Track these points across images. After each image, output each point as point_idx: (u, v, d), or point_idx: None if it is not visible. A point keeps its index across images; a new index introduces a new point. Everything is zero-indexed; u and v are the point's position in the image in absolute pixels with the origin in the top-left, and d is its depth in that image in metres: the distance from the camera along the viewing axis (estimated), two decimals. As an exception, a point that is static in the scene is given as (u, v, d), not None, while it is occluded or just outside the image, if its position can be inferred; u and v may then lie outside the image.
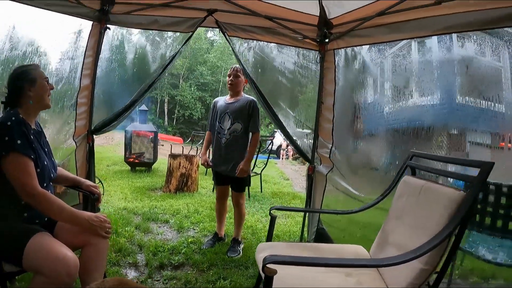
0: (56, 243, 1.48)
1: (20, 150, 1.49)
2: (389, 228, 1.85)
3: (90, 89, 3.06)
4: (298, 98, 3.41)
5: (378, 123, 3.07)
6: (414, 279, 1.39)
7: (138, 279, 2.38)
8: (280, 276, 1.48)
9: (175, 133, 23.18)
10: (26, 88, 1.62)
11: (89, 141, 3.13)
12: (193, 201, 4.80)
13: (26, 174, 1.49)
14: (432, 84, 3.01)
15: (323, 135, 3.18)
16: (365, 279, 1.59)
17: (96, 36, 2.95)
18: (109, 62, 3.15)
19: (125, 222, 3.51)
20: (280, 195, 6.03)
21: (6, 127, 1.49)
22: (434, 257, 1.38)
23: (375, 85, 3.21)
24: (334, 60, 3.08)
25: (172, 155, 5.55)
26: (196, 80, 24.63)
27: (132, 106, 3.07)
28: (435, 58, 2.97)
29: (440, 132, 3.02)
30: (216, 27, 3.00)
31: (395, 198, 1.93)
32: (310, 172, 3.25)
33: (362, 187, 2.93)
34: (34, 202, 1.51)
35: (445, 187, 1.56)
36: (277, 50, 3.33)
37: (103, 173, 6.63)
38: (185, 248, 2.99)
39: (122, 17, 2.96)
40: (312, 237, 3.23)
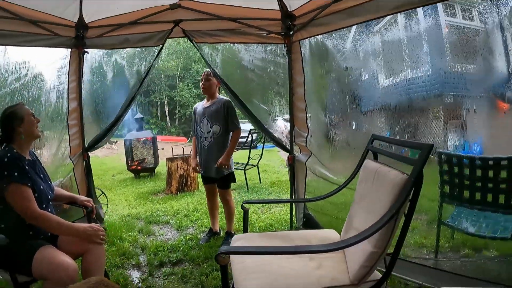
0: (57, 253, 1.76)
1: (18, 181, 1.75)
2: (352, 213, 1.97)
3: (79, 111, 3.29)
4: (270, 92, 3.55)
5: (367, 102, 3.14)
6: (366, 262, 1.48)
7: (140, 278, 2.63)
8: (246, 263, 1.71)
9: (179, 133, 23.46)
10: (16, 126, 1.88)
11: (85, 158, 3.39)
12: (193, 200, 5.04)
13: (25, 201, 1.76)
14: (421, 56, 3.02)
15: (298, 125, 3.33)
16: (327, 263, 1.71)
17: (76, 61, 3.17)
18: (91, 84, 3.39)
19: (128, 227, 3.76)
20: (279, 183, 6.19)
21: (4, 163, 1.75)
22: (382, 240, 1.44)
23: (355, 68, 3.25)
24: (300, 51, 3.20)
25: (169, 158, 5.77)
26: (193, 78, 24.74)
27: (119, 121, 3.30)
28: (422, 29, 2.97)
29: (435, 103, 3.05)
30: (184, 36, 3.16)
31: (357, 183, 2.03)
32: (290, 162, 3.42)
33: (339, 172, 3.09)
34: (36, 222, 1.78)
35: (392, 171, 1.61)
36: (244, 49, 3.47)
37: (108, 183, 6.92)
38: (183, 245, 3.23)
39: (97, 40, 3.16)
40: (300, 224, 3.43)
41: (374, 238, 1.46)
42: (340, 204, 3.10)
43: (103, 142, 3.36)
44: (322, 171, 3.19)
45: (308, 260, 1.76)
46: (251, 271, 1.63)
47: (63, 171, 3.24)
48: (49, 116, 3.17)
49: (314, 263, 1.73)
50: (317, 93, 3.35)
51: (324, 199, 2.58)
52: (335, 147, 3.23)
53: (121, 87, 3.50)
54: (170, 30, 3.12)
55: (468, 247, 2.47)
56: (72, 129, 3.22)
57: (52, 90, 3.18)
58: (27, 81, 3.02)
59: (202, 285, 2.49)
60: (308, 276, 1.59)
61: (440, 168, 2.45)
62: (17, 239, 1.79)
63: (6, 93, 2.86)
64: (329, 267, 1.68)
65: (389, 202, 1.48)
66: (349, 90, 3.21)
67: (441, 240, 2.51)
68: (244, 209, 2.20)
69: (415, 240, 2.62)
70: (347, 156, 3.23)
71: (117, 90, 3.54)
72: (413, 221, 2.57)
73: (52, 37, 2.90)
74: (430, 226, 2.59)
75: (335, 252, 1.79)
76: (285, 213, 4.21)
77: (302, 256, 1.78)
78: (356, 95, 3.12)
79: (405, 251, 2.52)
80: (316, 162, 3.23)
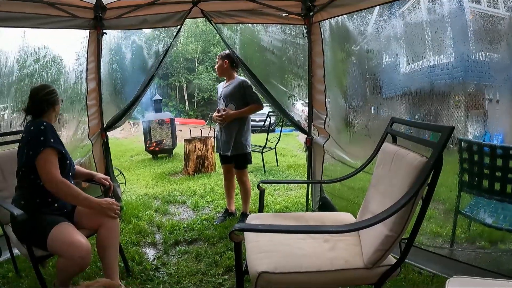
0: (73, 231, 1.81)
1: (54, 146, 1.84)
2: (369, 196, 1.94)
3: (97, 91, 3.34)
4: (289, 74, 3.49)
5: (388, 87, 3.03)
6: (380, 245, 1.45)
7: (155, 256, 2.69)
8: (260, 242, 1.71)
9: (197, 116, 23.66)
10: (55, 104, 2.02)
11: (103, 137, 3.45)
12: (209, 181, 5.09)
13: (52, 165, 1.83)
14: (444, 42, 2.91)
15: (317, 107, 3.28)
16: (341, 245, 1.69)
17: (95, 42, 3.19)
18: (110, 64, 3.41)
19: (145, 206, 3.85)
20: (296, 167, 6.18)
21: (42, 130, 1.85)
22: (398, 224, 1.41)
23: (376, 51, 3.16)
24: (320, 32, 3.12)
25: (187, 140, 5.84)
26: (212, 62, 24.66)
27: (137, 101, 3.34)
28: (446, 13, 2.85)
29: (457, 91, 2.95)
30: (202, 16, 3.12)
31: (375, 166, 1.99)
32: (308, 144, 3.39)
33: (357, 156, 3.03)
34: (56, 188, 1.83)
35: (410, 153, 1.56)
36: (263, 30, 3.41)
37: (127, 164, 7.07)
38: (198, 225, 3.29)
39: (115, 21, 3.17)
40: (316, 207, 3.41)
41: (390, 221, 1.43)
42: (358, 189, 3.06)
43: (121, 122, 3.41)
44: (341, 154, 3.13)
45: (322, 242, 1.75)
46: (264, 250, 1.63)
47: (82, 150, 3.32)
48: (69, 96, 3.23)
49: (328, 244, 1.72)
50: (336, 75, 3.26)
51: (341, 182, 2.56)
52: (354, 131, 3.15)
53: (140, 68, 3.50)
54: (188, 10, 3.09)
55: (485, 238, 2.40)
56: (90, 109, 3.28)
57: (71, 71, 3.23)
58: (46, 63, 3.07)
59: (215, 263, 2.53)
60: (321, 257, 1.58)
61: (460, 156, 2.36)
62: (39, 212, 1.87)
63: (25, 74, 2.92)
64: (343, 250, 1.66)
65: (407, 185, 1.44)
66: (370, 74, 3.11)
67: (458, 230, 2.45)
68: (260, 189, 2.21)
69: (431, 229, 2.56)
70: (366, 140, 3.14)
71: (136, 71, 3.55)
72: (430, 210, 2.55)
73: (70, 19, 2.92)
74: (447, 216, 2.52)
75: (349, 235, 1.80)
76: (301, 196, 4.20)
77: (316, 238, 1.77)
78: (377, 80, 3.01)
79: (420, 239, 2.48)
80: (335, 145, 3.18)
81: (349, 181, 3.07)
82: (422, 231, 2.49)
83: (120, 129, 13.00)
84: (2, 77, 2.76)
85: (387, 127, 2.04)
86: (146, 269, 2.46)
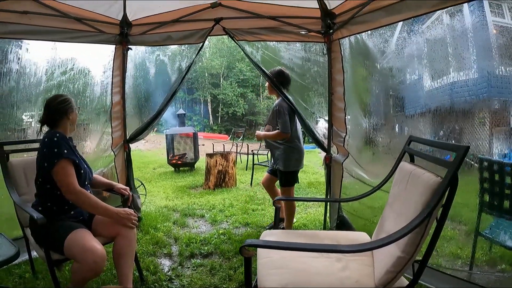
0: (89, 237, 1.87)
1: (68, 157, 1.92)
2: (385, 215, 1.90)
3: (121, 104, 3.49)
4: (309, 91, 3.51)
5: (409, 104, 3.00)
6: (392, 267, 1.40)
7: (170, 267, 2.72)
8: (272, 258, 1.71)
9: (221, 131, 23.93)
10: (69, 113, 2.07)
11: (126, 149, 3.57)
12: (229, 196, 5.11)
13: (69, 176, 1.91)
14: (466, 58, 2.85)
15: (336, 125, 3.25)
16: (353, 265, 1.66)
17: (120, 57, 3.36)
18: (134, 79, 3.56)
19: (164, 218, 3.91)
20: (316, 184, 6.12)
21: (55, 142, 1.93)
22: (410, 245, 1.36)
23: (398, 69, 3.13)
24: (340, 49, 3.13)
25: (208, 154, 5.92)
26: (236, 77, 25.11)
27: (160, 115, 3.44)
28: (468, 29, 2.82)
29: (481, 109, 2.87)
30: (225, 34, 3.22)
31: (392, 185, 1.95)
32: (327, 162, 3.35)
33: (377, 175, 2.97)
34: (75, 198, 1.91)
35: (426, 173, 1.53)
36: (284, 47, 3.47)
37: (149, 176, 7.24)
38: (215, 239, 3.30)
39: (140, 37, 3.32)
40: (334, 225, 3.34)
41: (402, 242, 1.39)
42: (377, 208, 2.98)
43: (144, 135, 3.52)
44: (360, 173, 3.08)
45: (335, 261, 1.72)
46: (275, 267, 1.63)
47: (105, 161, 3.46)
48: (94, 107, 3.40)
49: (340, 264, 1.69)
50: (357, 93, 3.24)
51: (359, 201, 2.51)
52: (374, 149, 3.10)
53: (163, 83, 3.64)
54: (211, 28, 3.21)
55: (506, 261, 2.28)
56: (115, 121, 3.42)
57: (97, 84, 3.41)
58: (73, 75, 3.26)
59: (229, 278, 2.52)
60: (332, 276, 1.55)
61: (480, 175, 2.27)
62: (56, 219, 1.95)
63: (52, 86, 3.11)
64: (355, 270, 1.63)
65: (421, 205, 1.40)
66: (391, 92, 3.07)
67: (478, 253, 2.33)
68: (276, 206, 2.22)
69: (451, 251, 2.45)
70: (387, 159, 3.08)
71: (159, 86, 3.69)
72: (450, 231, 2.46)
73: (97, 34, 3.10)
74: (467, 237, 2.40)
75: (363, 255, 1.77)
76: (319, 214, 4.14)
77: (330, 256, 1.75)
78: (398, 97, 2.98)
79: (439, 261, 2.37)
80: (354, 164, 3.13)
81: (368, 200, 3.02)
82: (441, 253, 2.39)
83: (144, 141, 13.44)
84: (31, 87, 2.95)
85: (405, 145, 2.01)
86: (160, 279, 2.49)
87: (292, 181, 3.33)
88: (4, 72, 2.84)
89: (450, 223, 2.49)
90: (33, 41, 2.85)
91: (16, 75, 2.90)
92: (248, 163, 7.55)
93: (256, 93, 25.46)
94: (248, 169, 7.26)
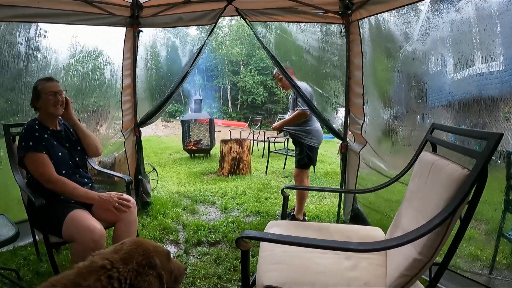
0: (87, 216, 1.83)
1: (32, 149, 1.88)
2: (402, 211, 1.74)
3: (132, 87, 3.41)
4: (325, 75, 3.32)
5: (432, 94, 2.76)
6: (406, 270, 1.26)
7: (175, 254, 2.66)
8: (275, 252, 1.58)
9: (240, 119, 23.87)
10: (33, 101, 2.03)
11: (136, 133, 3.51)
12: (242, 183, 5.03)
13: (42, 166, 1.88)
14: (494, 47, 2.61)
15: (354, 111, 3.07)
16: (364, 264, 1.51)
17: (131, 40, 3.27)
18: (145, 61, 3.47)
19: (174, 204, 3.87)
20: (333, 174, 5.94)
21: (22, 135, 1.93)
22: (429, 247, 1.21)
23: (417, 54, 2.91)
24: (359, 31, 2.92)
25: (223, 141, 5.84)
26: (256, 65, 24.83)
27: (170, 98, 3.35)
28: (495, 15, 2.56)
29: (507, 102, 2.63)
30: (237, 15, 3.07)
31: (411, 177, 1.78)
32: (343, 150, 3.18)
33: (396, 166, 2.77)
34: (52, 186, 1.88)
35: (451, 164, 1.35)
36: (299, 29, 3.28)
37: (164, 161, 7.25)
38: (224, 227, 3.21)
39: (151, 19, 3.22)
40: (347, 218, 3.19)
41: (420, 243, 1.23)
42: (395, 201, 2.79)
43: (154, 119, 3.44)
44: (377, 163, 2.89)
45: (344, 259, 1.57)
46: (277, 262, 1.51)
47: (116, 144, 3.41)
48: (103, 91, 3.34)
49: (349, 262, 1.54)
50: (376, 78, 3.02)
51: (376, 193, 2.34)
52: (393, 138, 2.89)
53: (174, 66, 3.55)
54: (223, 8, 3.05)
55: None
56: (125, 104, 3.35)
57: (107, 67, 3.33)
58: (82, 57, 3.19)
59: (234, 268, 2.43)
60: (338, 276, 1.41)
61: (507, 171, 2.03)
62: (53, 201, 1.91)
63: (61, 68, 3.04)
64: (365, 270, 1.48)
65: (444, 201, 1.23)
66: (413, 79, 2.83)
67: (499, 255, 2.11)
68: (284, 195, 2.09)
69: (470, 251, 2.24)
70: (407, 150, 2.88)
71: (170, 68, 3.59)
72: (470, 230, 2.23)
73: (107, 16, 3.01)
74: (489, 238, 2.19)
75: (375, 253, 1.61)
76: (334, 205, 3.97)
77: (338, 253, 1.60)
78: (420, 85, 2.74)
79: (457, 262, 2.17)
80: (371, 153, 2.94)
81: (385, 193, 2.84)
82: (459, 253, 2.19)
83: (163, 127, 13.51)
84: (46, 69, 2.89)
85: (426, 133, 1.82)
86: (163, 267, 2.42)
87: (308, 162, 3.30)
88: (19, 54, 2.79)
89: (471, 221, 2.27)
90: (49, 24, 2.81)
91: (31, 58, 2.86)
92: (265, 151, 7.43)
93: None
94: (264, 157, 7.14)
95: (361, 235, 1.86)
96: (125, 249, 1.04)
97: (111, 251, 1.04)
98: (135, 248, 1.06)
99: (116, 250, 1.05)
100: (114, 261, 0.98)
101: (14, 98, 2.74)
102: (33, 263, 2.38)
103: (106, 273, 0.94)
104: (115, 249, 1.05)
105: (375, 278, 1.39)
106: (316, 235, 1.82)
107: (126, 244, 1.08)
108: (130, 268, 0.98)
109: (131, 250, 1.04)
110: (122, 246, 1.07)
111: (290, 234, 1.71)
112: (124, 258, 1.01)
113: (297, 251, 1.58)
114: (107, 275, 0.94)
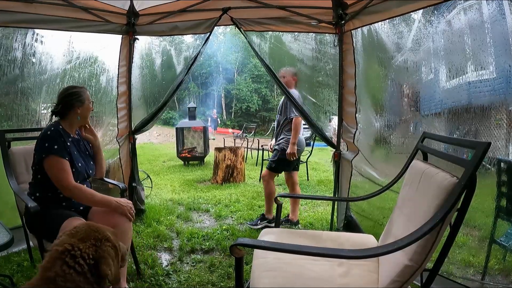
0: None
1: (56, 153, 1.86)
2: (393, 218, 1.77)
3: (127, 94, 3.43)
4: (318, 83, 3.38)
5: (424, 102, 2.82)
6: (397, 276, 1.28)
7: (169, 262, 2.65)
8: (268, 259, 1.60)
9: (234, 126, 23.87)
10: (76, 106, 2.01)
11: (131, 140, 3.51)
12: (236, 191, 5.03)
13: (62, 172, 1.87)
14: (486, 56, 2.67)
15: (346, 120, 3.11)
16: (356, 271, 1.53)
17: (127, 47, 3.29)
18: (140, 69, 3.49)
19: (168, 212, 3.85)
20: (326, 182, 5.95)
21: (46, 136, 1.89)
22: (419, 253, 1.24)
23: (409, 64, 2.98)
24: (352, 41, 2.98)
25: (217, 148, 5.84)
26: (251, 73, 24.95)
27: (165, 106, 3.37)
28: (486, 25, 2.64)
29: (498, 110, 2.68)
30: (232, 24, 3.11)
31: (402, 185, 1.82)
32: (336, 158, 3.21)
33: (388, 174, 2.81)
34: (69, 193, 1.88)
35: (441, 172, 1.39)
36: (293, 38, 3.34)
37: (158, 168, 7.23)
38: (218, 234, 3.21)
39: (147, 27, 3.26)
40: (341, 225, 3.21)
41: (411, 249, 1.26)
42: (387, 209, 2.82)
43: (149, 126, 3.45)
44: (370, 171, 2.93)
45: (336, 265, 1.59)
46: (269, 269, 1.52)
47: (110, 151, 3.40)
48: (99, 98, 3.35)
49: (341, 269, 1.56)
50: (368, 87, 3.08)
51: (368, 201, 2.36)
52: (385, 147, 2.94)
53: (169, 74, 3.58)
54: (218, 17, 3.10)
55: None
56: (120, 112, 3.36)
57: (103, 74, 3.35)
58: (78, 64, 3.21)
59: (228, 276, 2.43)
60: (330, 283, 1.43)
61: (498, 178, 2.08)
62: (49, 208, 1.90)
63: (57, 74, 3.05)
64: (357, 276, 1.50)
65: (433, 209, 1.26)
66: (405, 88, 2.90)
67: (491, 261, 2.15)
68: (278, 203, 2.10)
69: (463, 257, 2.28)
70: (399, 158, 2.93)
71: (165, 76, 3.61)
72: (463, 236, 2.28)
73: (103, 24, 3.03)
74: (481, 244, 2.23)
75: (367, 260, 1.63)
76: (327, 213, 3.99)
77: (331, 260, 1.62)
78: (412, 94, 2.80)
79: (449, 268, 2.21)
80: (364, 162, 2.98)
81: (378, 201, 2.87)
82: (452, 259, 2.23)
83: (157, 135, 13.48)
84: (46, 76, 2.90)
85: (418, 142, 1.86)
86: (157, 274, 2.42)
87: (277, 166, 3.49)
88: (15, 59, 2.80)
89: (463, 227, 2.31)
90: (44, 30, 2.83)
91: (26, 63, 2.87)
92: (258, 159, 7.44)
93: (270, 89, 25.22)
94: (258, 164, 7.15)
95: (353, 243, 1.88)
96: (80, 231, 1.14)
97: (68, 237, 1.12)
98: (89, 228, 1.16)
99: (72, 234, 1.13)
100: (74, 243, 1.07)
101: (9, 103, 2.74)
102: (27, 269, 2.37)
103: (70, 253, 1.04)
104: (70, 234, 1.14)
105: (367, 284, 1.41)
106: (309, 242, 1.83)
107: (80, 227, 1.17)
108: (89, 244, 1.09)
109: (86, 230, 1.15)
110: (76, 230, 1.16)
111: (283, 241, 1.73)
112: (82, 238, 1.11)
113: (290, 258, 1.59)
114: (70, 255, 1.04)
